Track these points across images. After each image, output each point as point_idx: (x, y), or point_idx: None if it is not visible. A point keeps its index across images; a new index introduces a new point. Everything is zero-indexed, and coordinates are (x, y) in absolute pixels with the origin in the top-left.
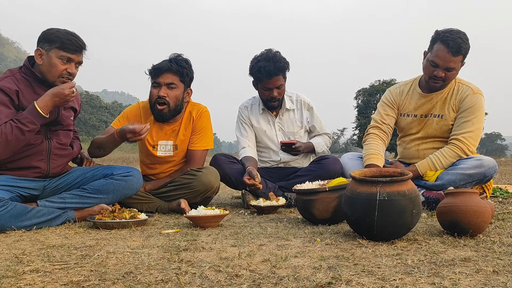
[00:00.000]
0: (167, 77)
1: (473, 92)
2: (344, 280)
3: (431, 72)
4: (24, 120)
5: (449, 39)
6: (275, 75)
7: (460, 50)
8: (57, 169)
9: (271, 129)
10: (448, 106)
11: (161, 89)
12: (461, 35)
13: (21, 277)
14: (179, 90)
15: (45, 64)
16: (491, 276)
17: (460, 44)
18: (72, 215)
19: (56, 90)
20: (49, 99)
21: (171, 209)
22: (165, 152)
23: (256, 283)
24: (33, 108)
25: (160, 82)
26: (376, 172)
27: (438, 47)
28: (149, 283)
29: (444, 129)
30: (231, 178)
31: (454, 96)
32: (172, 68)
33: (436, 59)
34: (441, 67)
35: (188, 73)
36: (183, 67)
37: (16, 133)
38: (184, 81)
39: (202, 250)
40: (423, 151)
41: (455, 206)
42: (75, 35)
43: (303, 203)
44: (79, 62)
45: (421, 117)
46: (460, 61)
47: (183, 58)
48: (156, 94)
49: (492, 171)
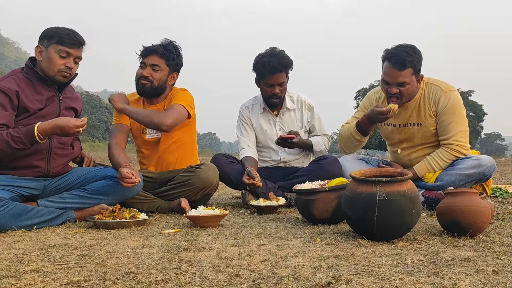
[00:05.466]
0: (153, 59)
1: (444, 91)
2: (344, 280)
3: (386, 91)
4: (16, 138)
5: (392, 55)
6: (278, 71)
7: (405, 64)
8: (58, 168)
9: (272, 129)
10: (424, 112)
11: (145, 69)
12: (407, 49)
13: (21, 277)
14: (163, 73)
15: (44, 60)
16: (491, 276)
17: (405, 57)
18: (72, 215)
19: (63, 123)
20: (50, 128)
21: (172, 209)
22: (152, 134)
23: (256, 283)
24: (31, 131)
25: (146, 62)
26: (376, 172)
27: (385, 65)
28: (149, 283)
29: (427, 135)
30: (230, 178)
31: (427, 101)
32: (158, 51)
33: (385, 77)
34: (392, 84)
35: (174, 58)
36: (170, 51)
37: (2, 144)
38: (170, 65)
39: (202, 250)
40: (415, 160)
41: (455, 206)
42: (74, 31)
43: (303, 203)
44: (78, 57)
45: (399, 127)
46: (410, 74)
47: (173, 45)
48: (140, 73)
49: (491, 170)
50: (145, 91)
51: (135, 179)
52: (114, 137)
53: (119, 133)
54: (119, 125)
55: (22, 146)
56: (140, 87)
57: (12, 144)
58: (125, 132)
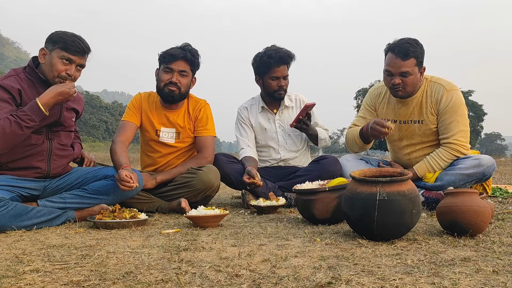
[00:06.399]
0: (180, 64)
1: (446, 90)
2: (344, 280)
3: (389, 82)
4: (24, 116)
5: (396, 46)
6: (285, 62)
7: (408, 53)
8: (58, 169)
9: (271, 127)
10: (425, 110)
11: (174, 75)
12: (410, 41)
13: (21, 277)
14: (189, 78)
15: (46, 64)
16: (491, 276)
17: (408, 48)
18: (72, 215)
19: (60, 89)
20: (52, 97)
21: (172, 209)
22: (168, 138)
23: (256, 283)
24: (35, 105)
25: (174, 68)
26: (376, 172)
27: (388, 57)
28: (149, 283)
29: (428, 133)
30: (231, 178)
31: (430, 99)
32: (187, 56)
33: (388, 67)
34: (395, 74)
35: (198, 63)
36: (195, 57)
37: (14, 127)
38: (194, 70)
39: (202, 250)
40: (415, 159)
41: (455, 206)
42: (80, 38)
43: (303, 203)
44: (81, 65)
45: (400, 123)
46: (414, 65)
47: (193, 49)
48: (168, 79)
49: (491, 169)
50: (175, 98)
51: (132, 184)
52: (119, 133)
53: (126, 131)
54: (127, 122)
55: (32, 123)
56: (168, 93)
57: (23, 124)
58: (132, 130)
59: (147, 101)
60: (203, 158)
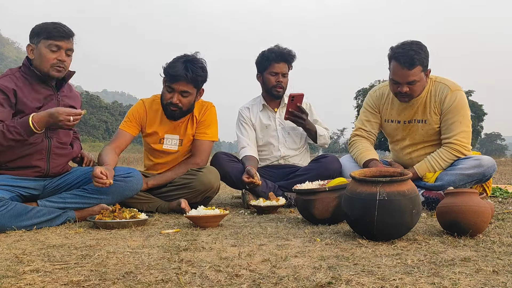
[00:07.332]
0: (182, 85)
1: (451, 90)
2: (344, 280)
3: (396, 89)
4: (12, 128)
5: (400, 55)
6: (285, 60)
7: (414, 62)
8: (57, 168)
9: (272, 124)
10: (429, 110)
11: (174, 96)
12: (413, 47)
13: (21, 277)
14: (192, 96)
15: (36, 57)
16: (491, 276)
17: (413, 56)
18: (72, 215)
19: (54, 110)
20: (43, 116)
21: (171, 209)
22: (170, 146)
23: (256, 283)
24: (26, 121)
25: (175, 88)
26: (376, 172)
27: (393, 65)
28: (149, 283)
29: (430, 133)
30: (231, 177)
31: (434, 99)
32: (188, 77)
33: (395, 77)
34: (402, 84)
35: (202, 80)
36: (199, 75)
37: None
38: (198, 87)
39: (202, 250)
40: (416, 159)
41: (455, 206)
42: (60, 23)
43: (303, 203)
44: (69, 49)
45: (404, 123)
46: (420, 71)
47: (199, 65)
48: (169, 99)
49: (491, 170)
50: (176, 116)
51: (105, 180)
52: (112, 141)
53: (119, 139)
54: (123, 132)
55: (19, 136)
56: (170, 113)
57: (8, 135)
58: (125, 140)
59: (151, 109)
60: (195, 164)
